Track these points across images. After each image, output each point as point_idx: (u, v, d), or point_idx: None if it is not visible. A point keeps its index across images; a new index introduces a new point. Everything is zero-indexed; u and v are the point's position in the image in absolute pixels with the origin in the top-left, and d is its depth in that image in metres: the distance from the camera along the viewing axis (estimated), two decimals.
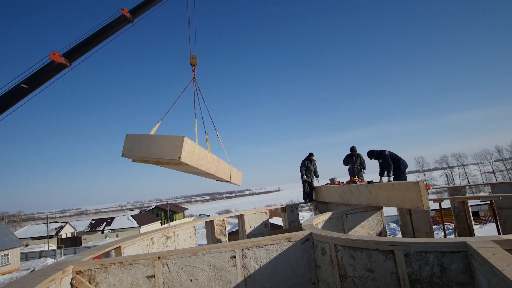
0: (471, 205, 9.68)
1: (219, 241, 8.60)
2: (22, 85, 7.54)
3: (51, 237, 56.96)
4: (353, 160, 10.34)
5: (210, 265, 3.99)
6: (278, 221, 29.05)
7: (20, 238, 46.13)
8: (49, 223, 61.76)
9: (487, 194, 19.50)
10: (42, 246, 50.50)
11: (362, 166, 10.37)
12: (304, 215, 48.26)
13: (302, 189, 11.34)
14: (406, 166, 8.30)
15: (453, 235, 14.55)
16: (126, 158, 5.88)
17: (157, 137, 5.76)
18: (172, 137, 5.63)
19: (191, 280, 3.93)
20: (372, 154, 8.41)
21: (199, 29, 8.30)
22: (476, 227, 17.57)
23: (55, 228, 65.04)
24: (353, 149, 10.43)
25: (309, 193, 11.18)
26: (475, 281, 2.74)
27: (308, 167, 11.13)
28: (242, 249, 4.08)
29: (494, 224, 8.98)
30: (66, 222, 71.17)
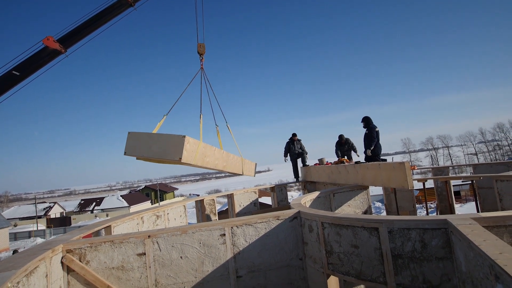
0: (453, 185, 10.03)
1: (209, 219, 8.73)
2: (13, 72, 7.16)
3: (39, 217, 56.57)
4: (343, 148, 10.53)
5: (200, 243, 4.07)
6: (267, 200, 29.51)
7: (8, 219, 45.67)
8: (37, 203, 61.15)
9: (469, 174, 20.20)
10: (31, 226, 50.21)
11: (353, 149, 10.56)
12: (293, 195, 49.14)
13: (292, 168, 11.66)
14: (380, 150, 8.37)
15: (435, 213, 15.17)
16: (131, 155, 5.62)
17: (158, 136, 5.56)
18: (172, 136, 5.43)
19: (181, 257, 4.01)
20: (364, 120, 8.29)
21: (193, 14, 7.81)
22: (457, 206, 18.28)
23: (44, 208, 64.49)
24: (341, 137, 10.51)
25: (294, 171, 11.59)
26: (453, 256, 2.89)
27: (290, 148, 11.33)
28: (232, 227, 4.16)
29: (474, 203, 9.37)
30: (55, 203, 70.57)
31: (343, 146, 10.49)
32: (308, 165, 11.20)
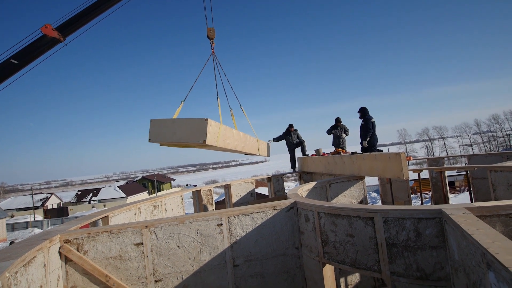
0: (447, 176, 10.12)
1: (206, 210, 8.77)
2: (12, 60, 7.08)
3: (36, 208, 56.51)
4: (337, 131, 10.61)
5: (197, 233, 4.10)
6: (264, 191, 29.71)
7: (4, 210, 45.60)
8: (34, 194, 60.98)
9: (463, 165, 20.38)
10: (28, 217, 50.15)
11: (345, 130, 10.81)
12: (290, 185, 49.41)
13: (290, 159, 11.80)
14: (376, 141, 8.54)
15: (430, 203, 15.36)
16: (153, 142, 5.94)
17: (181, 120, 5.75)
18: (195, 120, 5.61)
19: (179, 247, 4.05)
20: (361, 110, 8.49)
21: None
22: (451, 196, 18.55)
23: (41, 199, 64.38)
24: (338, 119, 10.69)
25: (292, 162, 11.73)
26: (446, 245, 2.94)
27: (287, 139, 11.47)
28: (229, 217, 4.19)
29: (468, 193, 9.49)
30: (52, 193, 70.47)
31: (337, 129, 10.69)
32: (307, 154, 11.25)
